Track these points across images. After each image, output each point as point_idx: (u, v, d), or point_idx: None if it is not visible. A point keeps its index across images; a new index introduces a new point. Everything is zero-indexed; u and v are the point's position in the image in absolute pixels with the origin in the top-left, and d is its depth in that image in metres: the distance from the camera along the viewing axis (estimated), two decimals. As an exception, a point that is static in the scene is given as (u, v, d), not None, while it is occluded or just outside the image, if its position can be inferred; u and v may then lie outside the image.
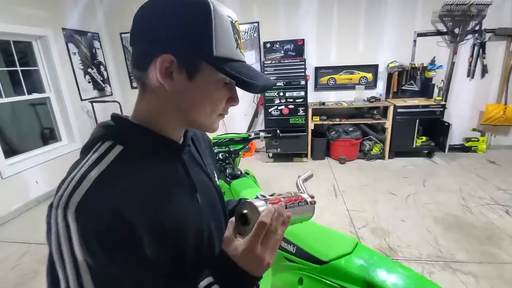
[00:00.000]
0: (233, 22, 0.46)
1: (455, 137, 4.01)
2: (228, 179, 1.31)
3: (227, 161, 1.38)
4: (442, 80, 3.80)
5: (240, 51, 0.47)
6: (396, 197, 2.87)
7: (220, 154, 1.37)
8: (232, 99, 0.51)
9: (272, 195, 0.54)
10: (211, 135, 1.37)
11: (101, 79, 4.27)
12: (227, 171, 1.35)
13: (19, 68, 3.13)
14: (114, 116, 0.49)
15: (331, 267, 0.76)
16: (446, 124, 3.54)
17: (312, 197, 0.58)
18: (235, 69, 0.44)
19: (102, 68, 4.29)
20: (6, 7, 2.85)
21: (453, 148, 3.93)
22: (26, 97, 3.23)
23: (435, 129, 3.76)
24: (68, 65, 3.63)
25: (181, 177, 0.51)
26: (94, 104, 3.91)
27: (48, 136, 3.76)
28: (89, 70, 4.01)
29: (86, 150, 0.45)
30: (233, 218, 0.47)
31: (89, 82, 4.00)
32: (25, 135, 3.78)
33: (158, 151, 0.49)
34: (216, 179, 0.66)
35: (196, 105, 0.47)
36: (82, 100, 3.83)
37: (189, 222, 0.49)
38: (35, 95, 3.34)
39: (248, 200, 0.46)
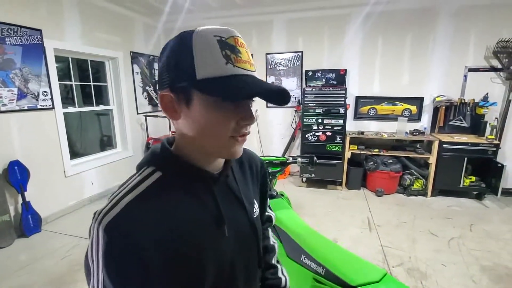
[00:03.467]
0: (224, 39, 0.45)
1: (511, 180, 3.66)
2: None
3: (264, 181, 1.48)
4: (496, 118, 3.56)
5: (236, 66, 0.45)
6: (437, 238, 2.68)
7: (259, 174, 1.48)
8: (242, 118, 0.48)
9: None
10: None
11: (156, 96, 4.75)
12: (268, 193, 1.43)
13: (92, 83, 3.65)
14: (162, 143, 0.55)
15: (358, 292, 0.79)
16: (500, 165, 3.27)
17: None
18: (218, 86, 0.44)
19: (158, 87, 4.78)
20: (90, 33, 3.42)
21: (507, 192, 3.58)
22: (94, 108, 3.73)
23: (486, 170, 3.48)
24: (131, 82, 4.13)
25: (209, 209, 0.52)
26: (147, 117, 4.34)
27: (106, 143, 4.23)
28: (147, 88, 4.50)
29: (138, 167, 0.53)
30: None
31: (145, 98, 4.48)
32: (88, 141, 4.30)
33: (191, 181, 0.52)
34: (256, 211, 0.64)
35: (200, 131, 0.48)
36: (138, 113, 4.29)
37: (209, 255, 0.50)
38: (101, 107, 3.84)
39: None
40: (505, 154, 3.62)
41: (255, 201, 0.65)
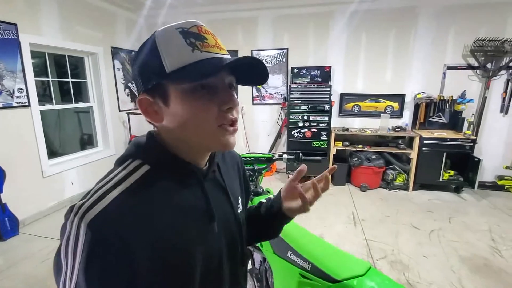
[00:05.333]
0: (186, 29, 0.45)
1: (486, 174, 3.83)
2: (251, 195, 1.39)
3: (250, 179, 1.47)
4: (473, 114, 3.71)
5: (204, 51, 0.45)
6: (419, 231, 2.77)
7: (245, 171, 1.47)
8: (223, 102, 0.47)
9: None
10: (239, 153, 1.48)
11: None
12: (250, 188, 1.43)
13: (70, 80, 3.51)
14: (149, 134, 0.52)
15: (342, 286, 0.80)
16: (476, 159, 3.42)
17: None
18: (188, 72, 0.43)
19: (140, 83, 4.65)
20: (69, 27, 3.27)
21: (483, 185, 3.75)
22: (73, 105, 3.59)
23: (464, 164, 3.62)
24: (112, 79, 4.00)
25: (200, 205, 0.51)
26: (130, 115, 4.23)
27: (87, 141, 4.09)
28: (129, 84, 4.37)
29: (119, 163, 0.49)
30: None
31: (127, 95, 4.35)
32: (67, 139, 4.14)
33: (181, 176, 0.50)
34: (240, 207, 0.64)
35: (186, 125, 0.47)
36: (120, 111, 4.16)
37: (198, 252, 0.49)
38: (81, 104, 3.70)
39: None
40: (481, 149, 3.79)
41: (239, 197, 0.65)
